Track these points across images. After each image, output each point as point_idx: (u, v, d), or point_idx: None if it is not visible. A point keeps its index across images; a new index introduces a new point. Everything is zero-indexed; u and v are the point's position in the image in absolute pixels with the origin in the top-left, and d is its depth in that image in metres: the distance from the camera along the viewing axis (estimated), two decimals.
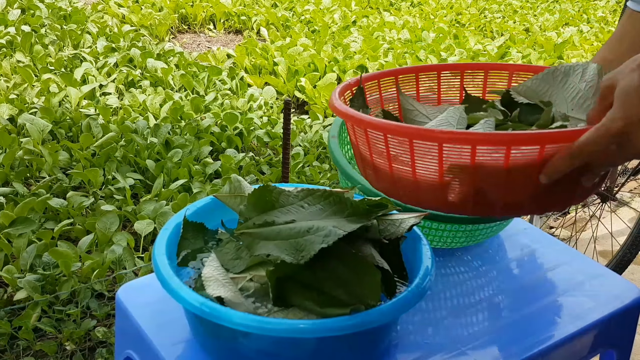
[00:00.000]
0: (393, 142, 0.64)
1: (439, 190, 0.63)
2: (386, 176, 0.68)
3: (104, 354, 1.49)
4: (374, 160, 0.68)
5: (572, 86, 0.73)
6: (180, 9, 4.52)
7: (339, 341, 0.65)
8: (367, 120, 0.67)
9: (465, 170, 0.60)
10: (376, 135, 0.66)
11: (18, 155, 2.22)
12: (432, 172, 0.63)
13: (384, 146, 0.65)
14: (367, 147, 0.69)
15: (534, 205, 0.64)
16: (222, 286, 0.67)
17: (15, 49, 3.23)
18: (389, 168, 0.66)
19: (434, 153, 0.60)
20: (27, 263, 1.67)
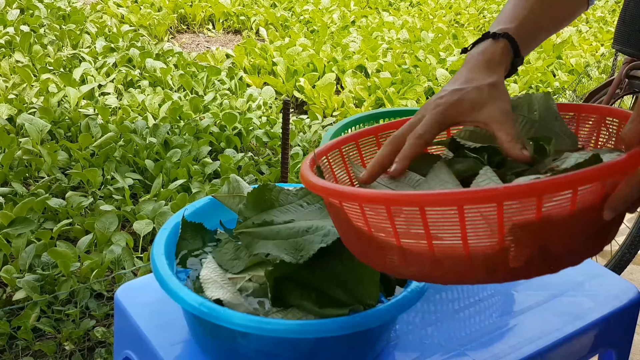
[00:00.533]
0: (433, 215, 0.50)
1: (498, 258, 0.51)
2: (423, 258, 0.53)
3: (103, 354, 1.49)
4: (402, 243, 0.53)
5: (520, 120, 0.67)
6: (179, 9, 4.52)
7: (338, 341, 0.65)
8: (395, 197, 0.50)
9: (530, 227, 0.49)
10: (410, 212, 0.50)
11: (17, 155, 2.22)
12: (489, 239, 0.50)
13: (420, 224, 0.50)
14: (391, 230, 0.52)
15: (586, 248, 0.54)
16: (221, 288, 0.67)
17: (14, 49, 3.23)
18: (428, 247, 0.52)
19: (491, 216, 0.48)
20: (26, 263, 1.67)
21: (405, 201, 0.50)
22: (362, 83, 3.34)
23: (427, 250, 0.52)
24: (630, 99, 1.93)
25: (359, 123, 1.17)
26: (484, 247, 0.51)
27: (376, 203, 0.51)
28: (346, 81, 3.36)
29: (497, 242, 0.50)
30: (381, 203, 0.51)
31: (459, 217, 0.49)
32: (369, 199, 0.52)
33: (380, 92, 3.22)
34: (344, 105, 3.14)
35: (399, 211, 0.51)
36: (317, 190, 0.57)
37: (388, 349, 0.73)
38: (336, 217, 0.59)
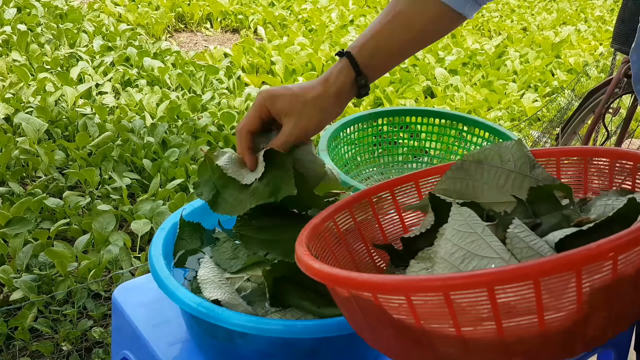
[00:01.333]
0: (504, 294, 0.43)
1: (576, 328, 0.45)
2: (489, 344, 0.46)
3: (101, 355, 1.48)
4: (462, 332, 0.46)
5: (494, 172, 0.64)
6: (177, 8, 4.51)
7: (337, 341, 0.65)
8: (455, 281, 0.42)
9: (607, 289, 0.45)
10: (475, 295, 0.44)
11: (14, 155, 2.21)
12: (568, 309, 0.45)
13: (488, 305, 0.44)
14: (450, 318, 0.45)
15: None
16: (219, 288, 0.67)
17: (11, 48, 3.22)
18: (496, 331, 0.45)
19: (571, 285, 0.43)
20: (23, 263, 1.67)
21: (470, 284, 0.43)
22: None
23: (496, 334, 0.45)
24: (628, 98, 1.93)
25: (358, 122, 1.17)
26: (561, 319, 0.45)
27: (431, 291, 0.44)
28: None
29: (576, 311, 0.45)
30: (438, 290, 0.43)
31: (535, 290, 0.43)
32: (421, 287, 0.44)
33: (379, 91, 3.21)
34: None
35: (459, 297, 0.44)
36: (338, 283, 0.48)
37: None
38: (357, 311, 0.49)
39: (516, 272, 0.42)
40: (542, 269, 0.42)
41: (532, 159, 0.64)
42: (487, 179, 0.64)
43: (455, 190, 0.65)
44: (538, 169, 0.63)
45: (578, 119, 1.99)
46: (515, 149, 0.64)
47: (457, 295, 0.44)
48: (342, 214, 0.66)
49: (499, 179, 0.64)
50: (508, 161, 0.64)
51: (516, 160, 0.64)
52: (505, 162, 0.64)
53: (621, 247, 0.43)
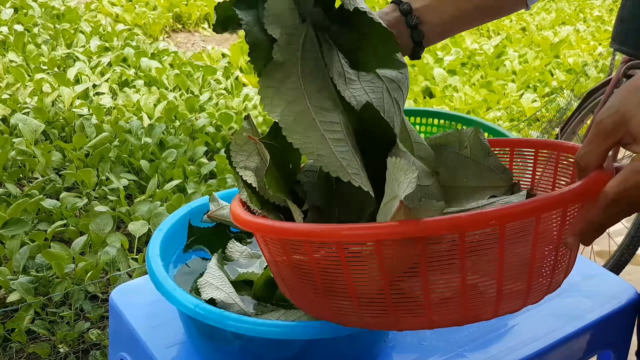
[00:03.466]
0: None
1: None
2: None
3: (98, 357, 1.48)
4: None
5: (452, 157, 0.68)
6: (175, 8, 4.50)
7: (335, 342, 0.65)
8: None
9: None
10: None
11: (10, 156, 2.20)
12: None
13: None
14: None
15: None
16: (216, 289, 0.67)
17: (8, 49, 3.21)
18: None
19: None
20: (20, 265, 1.66)
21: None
22: None
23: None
24: None
25: None
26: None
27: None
28: None
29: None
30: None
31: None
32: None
33: None
34: None
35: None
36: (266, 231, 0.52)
37: (386, 350, 0.73)
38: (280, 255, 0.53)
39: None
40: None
41: (487, 147, 0.68)
42: (445, 162, 0.68)
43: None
44: (491, 158, 0.68)
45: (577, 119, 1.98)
46: (473, 136, 0.68)
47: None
48: None
49: (456, 163, 0.68)
50: (465, 147, 0.68)
51: (472, 147, 0.68)
52: (463, 148, 0.68)
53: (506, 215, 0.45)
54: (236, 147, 0.56)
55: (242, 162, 0.56)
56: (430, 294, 0.48)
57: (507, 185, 0.66)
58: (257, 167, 0.56)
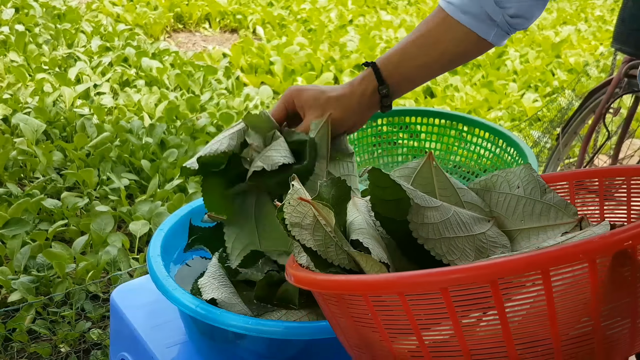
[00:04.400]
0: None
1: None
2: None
3: (99, 356, 1.48)
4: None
5: (502, 199, 0.62)
6: (176, 8, 4.50)
7: (335, 343, 0.65)
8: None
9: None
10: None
11: (12, 156, 2.20)
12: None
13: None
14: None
15: None
16: (217, 289, 0.66)
17: (9, 49, 3.21)
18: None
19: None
20: (21, 264, 1.66)
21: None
22: None
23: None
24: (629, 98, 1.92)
25: None
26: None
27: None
28: (344, 80, 3.35)
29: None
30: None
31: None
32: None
33: None
34: None
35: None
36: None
37: None
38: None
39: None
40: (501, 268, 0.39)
41: (542, 183, 0.61)
42: (494, 206, 0.62)
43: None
44: (550, 194, 0.61)
45: (578, 119, 1.98)
46: (524, 174, 0.61)
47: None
48: None
49: (508, 206, 0.61)
50: (517, 187, 0.61)
51: (525, 186, 0.61)
52: (514, 188, 0.61)
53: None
54: (290, 209, 0.53)
55: (297, 225, 0.53)
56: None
57: (574, 221, 0.59)
58: (313, 229, 0.54)
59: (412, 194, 0.54)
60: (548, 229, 0.59)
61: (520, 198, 0.61)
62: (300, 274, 0.50)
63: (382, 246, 0.54)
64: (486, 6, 0.71)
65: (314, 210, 0.54)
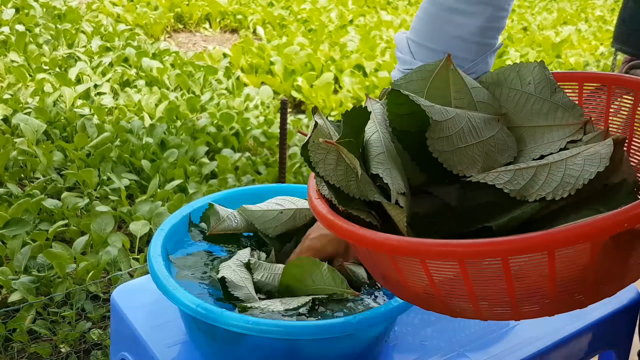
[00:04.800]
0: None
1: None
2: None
3: (99, 356, 1.48)
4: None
5: (512, 95, 0.61)
6: (176, 8, 4.51)
7: (336, 342, 0.65)
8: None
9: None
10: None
11: (12, 156, 2.21)
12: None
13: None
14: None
15: None
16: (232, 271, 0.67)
17: (9, 49, 3.21)
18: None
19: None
20: (22, 264, 1.66)
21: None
22: (360, 82, 3.34)
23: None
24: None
25: None
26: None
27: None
28: (344, 81, 3.35)
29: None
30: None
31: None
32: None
33: (379, 91, 3.21)
34: (342, 105, 3.13)
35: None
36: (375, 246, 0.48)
37: (387, 350, 0.73)
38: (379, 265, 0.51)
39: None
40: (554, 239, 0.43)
41: (553, 82, 0.60)
42: (504, 101, 0.62)
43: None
44: (559, 94, 0.60)
45: None
46: (537, 71, 0.61)
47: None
48: None
49: (518, 101, 0.61)
50: (528, 84, 0.61)
51: (537, 84, 0.60)
52: (525, 85, 0.61)
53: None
54: (314, 146, 0.54)
55: (321, 162, 0.54)
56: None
57: (579, 123, 0.59)
58: (336, 164, 0.55)
59: (430, 111, 0.55)
60: (554, 129, 0.59)
61: (530, 96, 0.61)
62: (343, 225, 0.50)
63: (399, 170, 0.56)
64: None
65: (342, 152, 0.54)
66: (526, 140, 0.60)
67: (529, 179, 0.53)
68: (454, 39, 0.67)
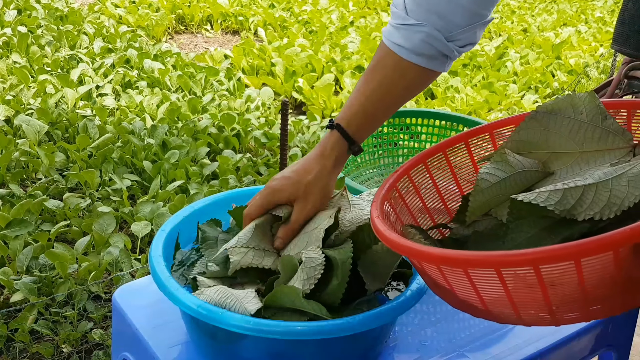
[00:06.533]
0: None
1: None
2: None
3: (101, 356, 1.48)
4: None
5: (567, 123, 0.66)
6: (177, 10, 4.52)
7: (337, 342, 0.65)
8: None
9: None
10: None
11: (14, 157, 2.21)
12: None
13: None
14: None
15: None
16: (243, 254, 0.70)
17: (12, 50, 3.22)
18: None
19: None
20: (24, 265, 1.66)
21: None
22: None
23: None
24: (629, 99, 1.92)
25: None
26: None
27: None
28: (345, 82, 3.36)
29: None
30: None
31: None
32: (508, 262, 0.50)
33: None
34: (342, 106, 3.13)
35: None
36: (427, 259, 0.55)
37: (387, 350, 0.73)
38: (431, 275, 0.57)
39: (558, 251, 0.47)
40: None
41: (603, 110, 0.65)
42: (558, 129, 0.66)
43: (529, 140, 0.68)
44: (609, 120, 0.65)
45: None
46: (588, 101, 0.65)
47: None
48: (417, 169, 0.72)
49: (571, 129, 0.66)
50: (581, 113, 0.65)
51: (588, 112, 0.65)
52: (578, 114, 0.65)
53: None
54: None
55: None
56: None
57: (628, 147, 0.64)
58: None
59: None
60: (605, 153, 0.65)
61: (582, 123, 0.66)
62: (399, 241, 0.57)
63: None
64: (438, 46, 0.71)
65: None
66: (581, 165, 0.66)
67: (577, 198, 0.58)
68: (449, 2, 0.69)
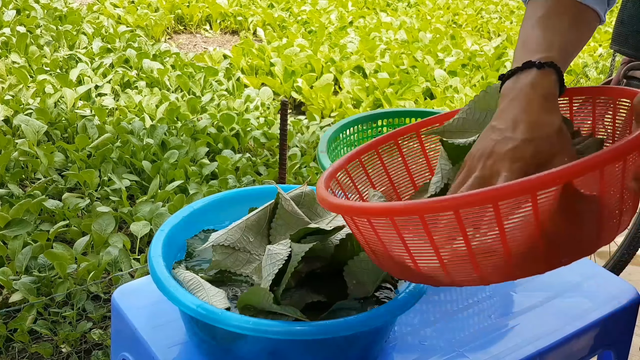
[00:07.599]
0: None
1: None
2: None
3: (100, 357, 1.48)
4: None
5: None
6: (176, 10, 4.51)
7: (336, 342, 0.65)
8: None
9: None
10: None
11: (13, 157, 2.21)
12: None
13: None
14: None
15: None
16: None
17: (11, 50, 3.22)
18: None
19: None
20: (23, 265, 1.66)
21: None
22: (360, 84, 3.34)
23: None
24: None
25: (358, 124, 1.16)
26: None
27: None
28: (344, 82, 3.36)
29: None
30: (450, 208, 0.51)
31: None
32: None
33: (379, 92, 3.21)
34: (341, 106, 3.14)
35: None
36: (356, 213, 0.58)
37: (386, 350, 0.73)
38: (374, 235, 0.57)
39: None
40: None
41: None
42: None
43: (475, 120, 0.71)
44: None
45: None
46: None
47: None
48: (369, 155, 0.76)
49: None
50: None
51: None
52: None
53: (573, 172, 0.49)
54: None
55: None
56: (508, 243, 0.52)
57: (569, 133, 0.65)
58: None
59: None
60: None
61: None
62: (339, 201, 0.60)
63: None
64: None
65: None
66: None
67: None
68: None
